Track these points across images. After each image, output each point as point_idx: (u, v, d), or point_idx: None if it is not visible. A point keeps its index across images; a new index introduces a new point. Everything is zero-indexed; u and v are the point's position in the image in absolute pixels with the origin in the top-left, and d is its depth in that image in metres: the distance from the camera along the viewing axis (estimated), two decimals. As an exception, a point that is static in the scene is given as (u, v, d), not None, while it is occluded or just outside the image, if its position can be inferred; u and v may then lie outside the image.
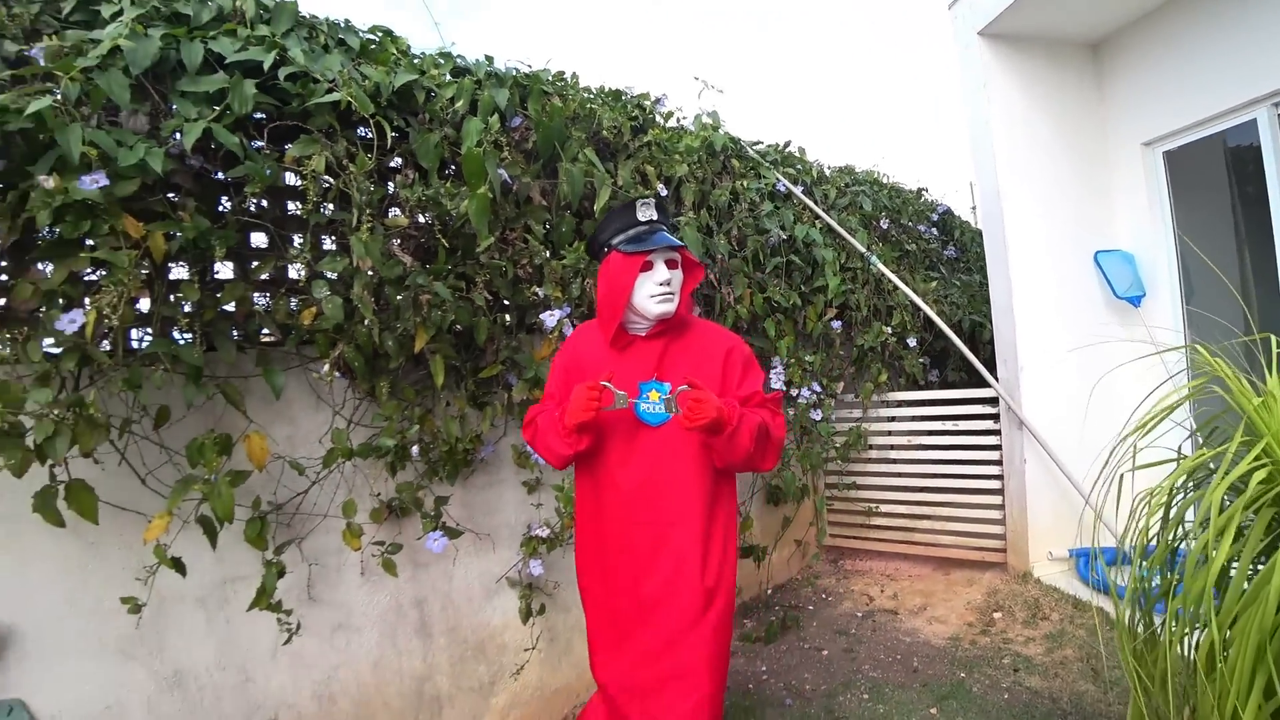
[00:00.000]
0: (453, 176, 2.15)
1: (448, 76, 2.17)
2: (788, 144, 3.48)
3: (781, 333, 3.07)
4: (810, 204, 3.23)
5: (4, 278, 1.57)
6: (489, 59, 2.32)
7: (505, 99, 2.20)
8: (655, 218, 1.71)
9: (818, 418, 3.20)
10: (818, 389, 3.18)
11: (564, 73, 2.57)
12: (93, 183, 1.44)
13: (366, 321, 1.87)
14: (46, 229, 1.48)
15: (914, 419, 3.45)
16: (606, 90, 2.73)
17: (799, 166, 3.42)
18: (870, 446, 3.50)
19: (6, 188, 1.47)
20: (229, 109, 1.65)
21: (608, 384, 1.59)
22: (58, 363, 1.52)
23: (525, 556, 2.33)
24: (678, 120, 2.97)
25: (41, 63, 1.47)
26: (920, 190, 4.32)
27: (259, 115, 1.79)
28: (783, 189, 3.16)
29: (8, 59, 1.49)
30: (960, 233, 4.50)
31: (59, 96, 1.43)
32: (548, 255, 2.26)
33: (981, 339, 3.66)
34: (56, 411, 1.48)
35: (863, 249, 3.25)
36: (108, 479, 1.64)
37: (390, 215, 2.02)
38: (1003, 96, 3.11)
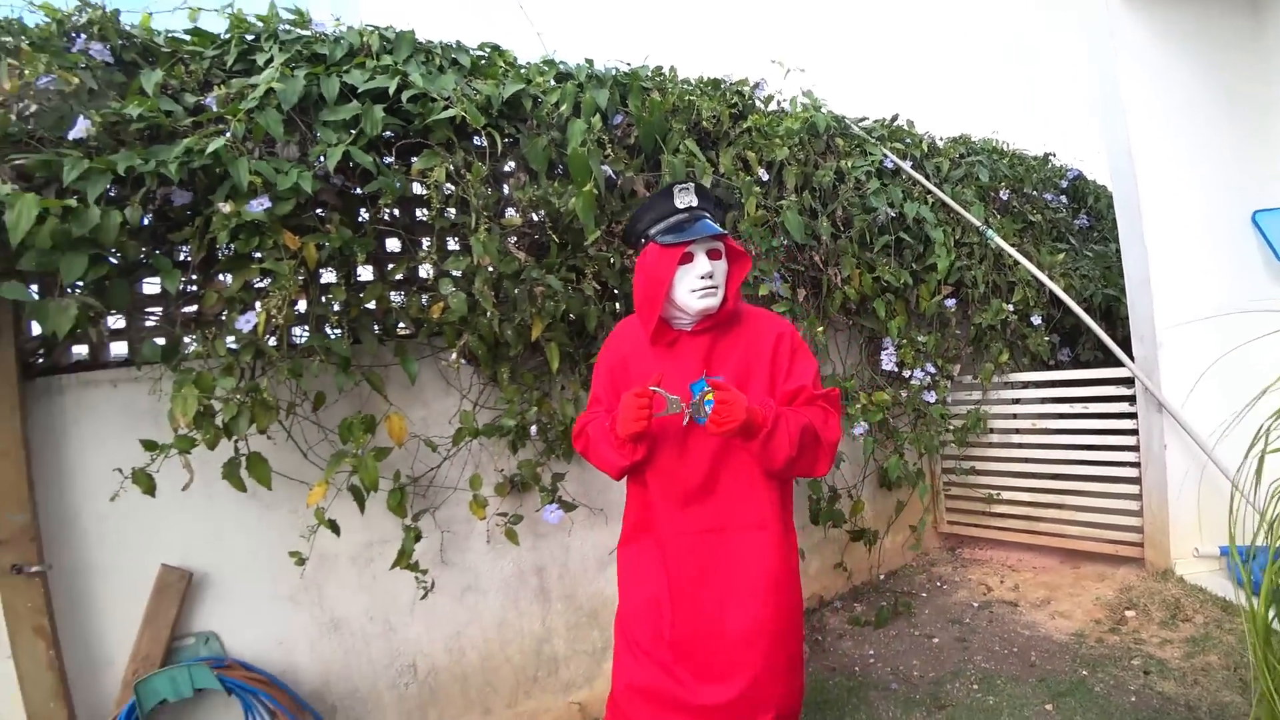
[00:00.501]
0: (561, 176, 2.29)
1: (552, 83, 2.31)
2: (894, 118, 3.35)
3: (893, 313, 2.99)
4: (920, 179, 3.11)
5: (196, 288, 1.89)
6: (589, 62, 2.43)
7: (606, 99, 2.31)
8: (695, 204, 1.57)
9: (932, 400, 3.10)
10: (932, 370, 3.08)
11: (662, 67, 2.64)
12: (259, 206, 1.70)
13: (488, 314, 2.06)
14: (225, 246, 1.76)
15: (1040, 401, 3.25)
16: (705, 80, 2.77)
17: (907, 140, 3.28)
18: (991, 430, 3.34)
19: (194, 214, 1.77)
20: (362, 132, 1.87)
21: (658, 389, 1.48)
22: (238, 356, 1.81)
23: (633, 531, 2.48)
24: (778, 104, 2.95)
25: (214, 108, 1.75)
26: (1047, 156, 3.99)
27: (388, 134, 2.01)
28: (890, 165, 3.06)
29: (188, 108, 1.77)
30: (1095, 199, 4.12)
31: (229, 135, 1.70)
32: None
33: (1119, 314, 3.36)
34: (238, 396, 1.77)
35: (977, 223, 3.08)
36: (278, 452, 1.94)
37: (506, 215, 2.20)
38: (1132, 43, 2.80)
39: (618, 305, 2.45)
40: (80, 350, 1.88)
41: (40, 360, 1.81)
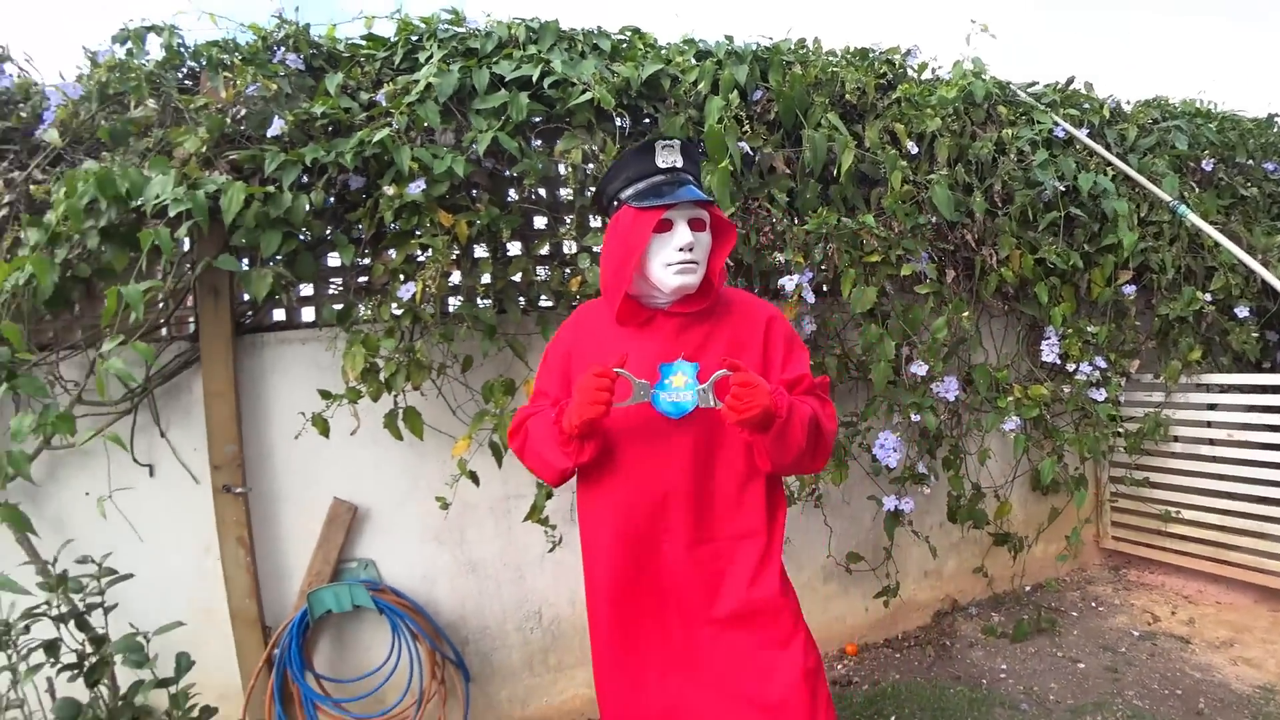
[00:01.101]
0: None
1: (692, 60, 2.34)
2: (1070, 81, 2.99)
3: (1057, 299, 2.72)
4: (1096, 148, 2.76)
5: (366, 261, 2.16)
6: (729, 39, 2.43)
7: (745, 75, 2.30)
8: (680, 164, 1.35)
9: (1100, 398, 2.78)
10: (1102, 365, 2.76)
11: (805, 40, 2.58)
12: (417, 188, 1.91)
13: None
14: (391, 224, 2.00)
15: (1244, 409, 2.79)
16: (852, 50, 2.66)
17: (1084, 106, 2.92)
18: (1174, 438, 2.93)
19: (367, 197, 2.02)
20: (509, 118, 2.03)
21: (623, 370, 1.25)
22: (399, 321, 2.05)
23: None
24: (932, 71, 2.76)
25: (383, 103, 1.98)
26: (1271, 117, 3.36)
27: (534, 119, 2.15)
28: (1061, 134, 2.75)
29: (362, 104, 2.02)
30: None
31: (394, 127, 1.92)
32: (790, 222, 2.33)
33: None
34: (398, 356, 2.02)
35: (1167, 198, 2.68)
36: (430, 407, 2.18)
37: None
38: None
39: (748, 279, 2.45)
40: (278, 313, 2.23)
41: (248, 320, 2.17)
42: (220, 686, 2.02)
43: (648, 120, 2.27)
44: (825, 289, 2.49)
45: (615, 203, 1.39)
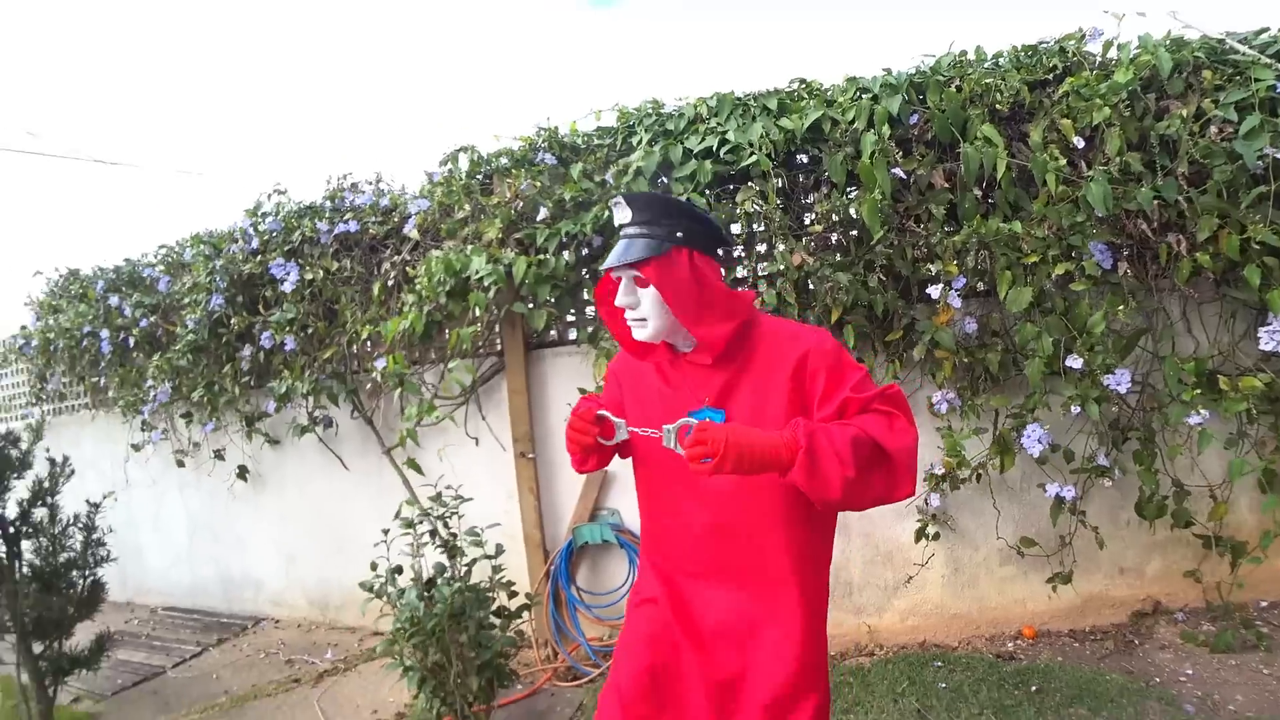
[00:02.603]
0: (859, 183, 2.77)
1: (857, 96, 2.77)
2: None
3: (1272, 282, 2.60)
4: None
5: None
6: (886, 71, 2.80)
7: (898, 105, 2.67)
8: (628, 219, 1.39)
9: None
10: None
11: (965, 52, 2.81)
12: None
13: (792, 304, 2.75)
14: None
15: None
16: (1020, 48, 2.79)
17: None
18: None
19: (603, 251, 2.89)
20: (698, 180, 2.72)
21: (606, 413, 1.41)
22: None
23: (928, 490, 2.89)
24: (1118, 49, 2.73)
25: (611, 181, 2.81)
26: None
27: (721, 175, 2.82)
28: (1285, 94, 2.55)
29: (597, 184, 2.88)
30: None
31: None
32: (940, 234, 2.66)
33: None
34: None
35: None
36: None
37: (810, 221, 2.82)
38: None
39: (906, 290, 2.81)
40: (553, 334, 3.24)
41: (534, 341, 3.21)
42: (516, 587, 3.10)
43: (813, 162, 2.78)
44: (985, 290, 2.75)
45: None
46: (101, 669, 3.51)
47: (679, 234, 1.37)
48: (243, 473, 4.13)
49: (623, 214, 1.40)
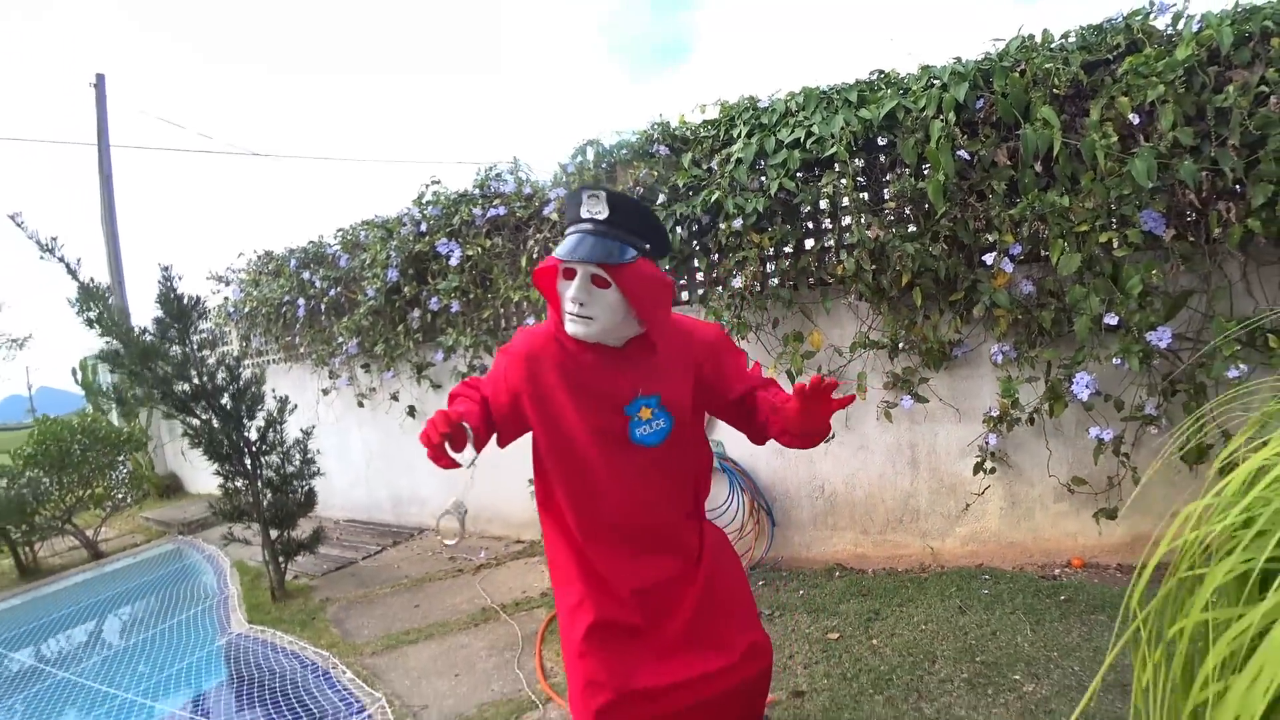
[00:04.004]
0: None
1: (929, 84, 3.26)
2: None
3: None
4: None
5: (714, 267, 3.73)
6: (957, 59, 3.26)
7: (964, 92, 3.13)
8: (602, 217, 1.44)
9: None
10: None
11: (1033, 36, 3.20)
12: (739, 222, 3.37)
13: (867, 269, 3.31)
14: (725, 243, 3.51)
15: None
16: (1086, 28, 3.12)
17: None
18: None
19: (711, 227, 3.57)
20: (788, 168, 3.33)
21: (468, 428, 1.46)
22: (733, 299, 3.56)
23: (987, 431, 3.39)
24: (1182, 21, 2.98)
25: (715, 169, 3.46)
26: None
27: (808, 162, 3.41)
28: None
29: (704, 171, 3.54)
30: None
31: (723, 184, 3.40)
32: (999, 208, 3.13)
33: None
34: (732, 319, 3.54)
35: None
36: (750, 349, 3.66)
37: (886, 198, 3.36)
38: None
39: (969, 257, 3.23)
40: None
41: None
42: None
43: (889, 145, 3.30)
44: (1043, 255, 3.19)
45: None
46: (309, 558, 4.64)
47: (646, 245, 1.49)
48: (411, 411, 5.17)
49: (598, 208, 1.43)
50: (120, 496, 6.86)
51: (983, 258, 3.15)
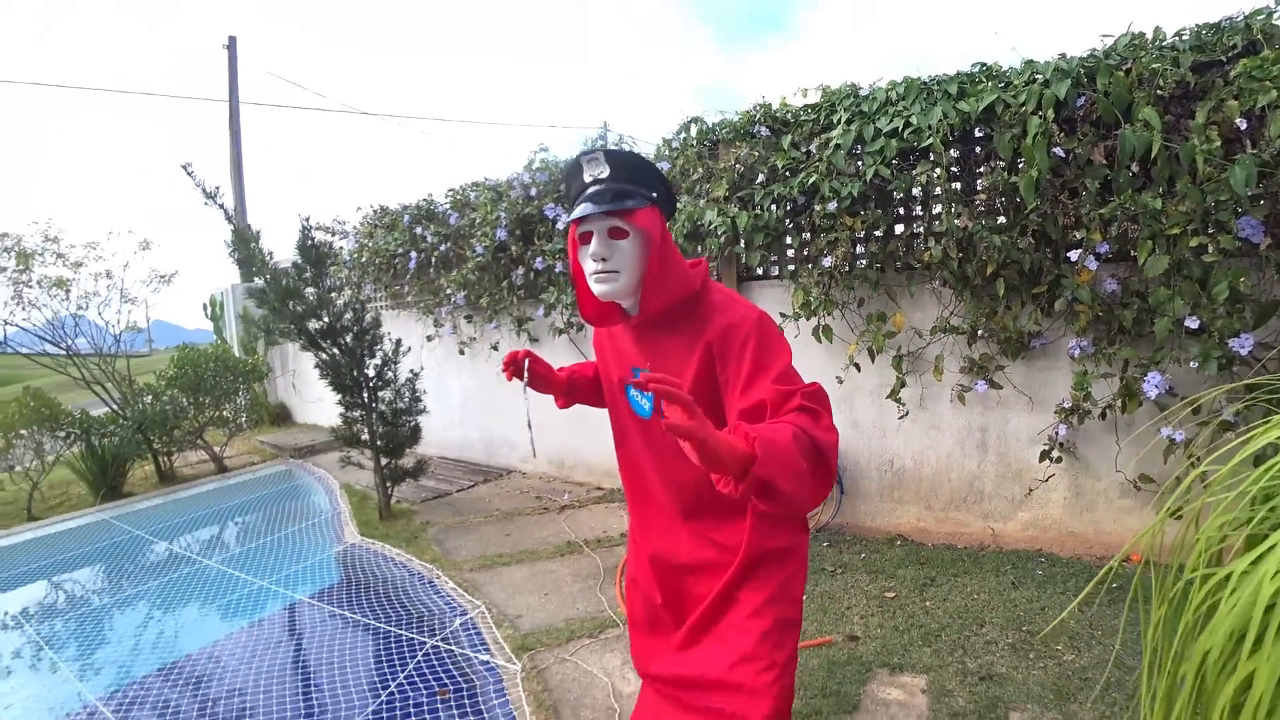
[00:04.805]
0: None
1: (1031, 79, 3.37)
2: None
3: None
4: None
5: (806, 245, 3.98)
6: (1061, 55, 3.34)
7: (1065, 90, 3.22)
8: (604, 174, 1.41)
9: None
10: None
11: (1143, 34, 3.25)
12: (833, 205, 3.60)
13: (953, 258, 3.50)
14: (819, 224, 3.76)
15: None
16: (1201, 26, 3.12)
17: None
18: None
19: (806, 208, 3.81)
20: (885, 155, 3.52)
21: (529, 360, 1.66)
22: (822, 277, 3.81)
23: (1058, 421, 3.54)
24: None
25: (815, 152, 3.69)
26: None
27: (905, 150, 3.59)
28: None
29: (804, 153, 3.77)
30: None
31: (821, 167, 3.63)
32: (1089, 206, 3.24)
33: None
34: (818, 296, 3.80)
35: None
36: (838, 325, 3.91)
37: (979, 189, 3.52)
38: None
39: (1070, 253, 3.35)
40: (758, 271, 4.23)
41: (744, 274, 4.22)
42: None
43: (986, 138, 3.45)
44: (1131, 255, 3.28)
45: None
46: (409, 486, 5.20)
47: (654, 195, 1.45)
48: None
49: (599, 169, 1.41)
50: (241, 420, 7.71)
51: (1068, 254, 3.28)
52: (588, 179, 1.43)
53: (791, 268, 4.02)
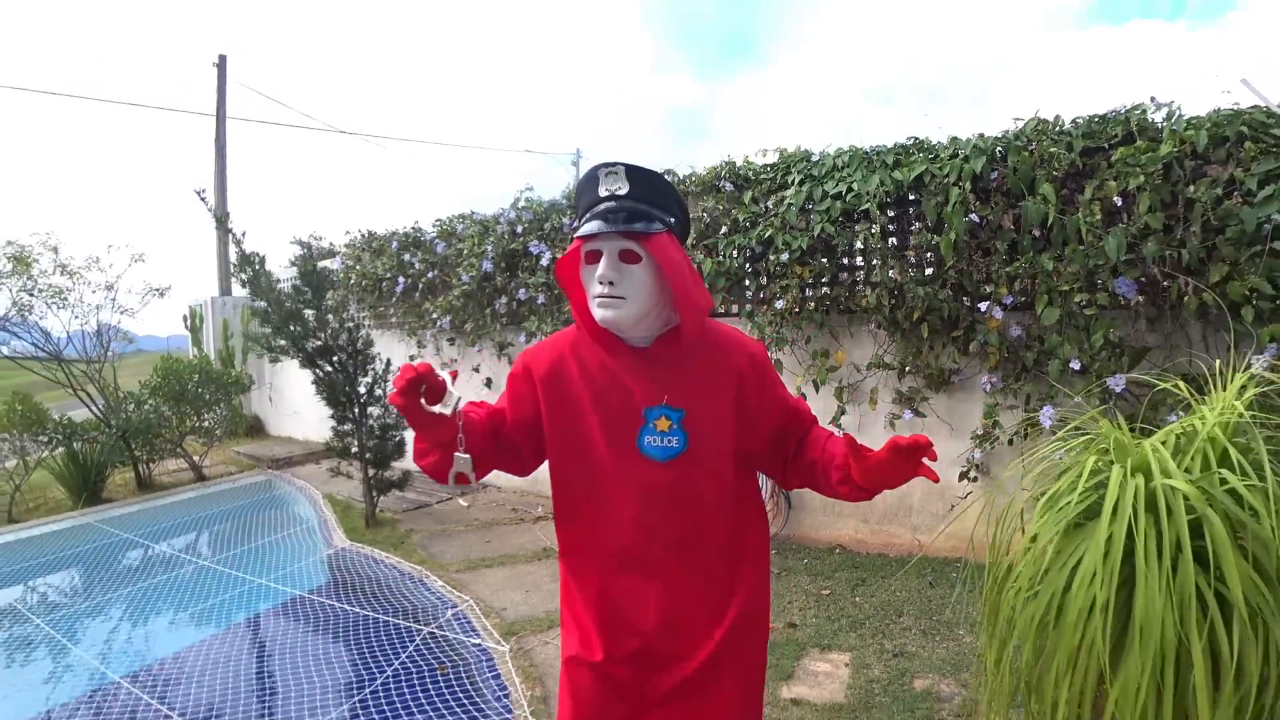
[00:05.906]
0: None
1: (954, 154, 4.02)
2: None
3: (1265, 320, 3.57)
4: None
5: (763, 290, 4.57)
6: (980, 135, 4.01)
7: (981, 165, 3.88)
8: (623, 191, 1.32)
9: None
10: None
11: (1046, 120, 3.92)
12: (785, 255, 4.20)
13: (886, 305, 4.11)
14: (773, 272, 4.35)
15: None
16: (1092, 117, 3.82)
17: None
18: None
19: (763, 259, 4.41)
20: (830, 215, 4.14)
21: (447, 377, 1.21)
22: (776, 317, 4.40)
23: (973, 446, 4.15)
24: (1177, 118, 3.57)
25: (771, 208, 4.29)
26: None
27: (849, 211, 4.21)
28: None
29: (763, 208, 4.37)
30: None
31: (776, 222, 4.23)
32: (999, 264, 3.89)
33: None
34: (772, 333, 4.38)
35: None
36: (788, 360, 4.48)
37: (909, 246, 4.15)
38: None
39: (970, 302, 3.98)
40: (720, 310, 4.79)
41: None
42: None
43: (915, 201, 4.09)
44: (1032, 306, 3.93)
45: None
46: (390, 497, 5.61)
47: (671, 219, 1.36)
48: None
49: (617, 184, 1.32)
50: (219, 431, 7.99)
51: (980, 304, 3.91)
52: (603, 193, 1.33)
53: (749, 308, 4.59)
